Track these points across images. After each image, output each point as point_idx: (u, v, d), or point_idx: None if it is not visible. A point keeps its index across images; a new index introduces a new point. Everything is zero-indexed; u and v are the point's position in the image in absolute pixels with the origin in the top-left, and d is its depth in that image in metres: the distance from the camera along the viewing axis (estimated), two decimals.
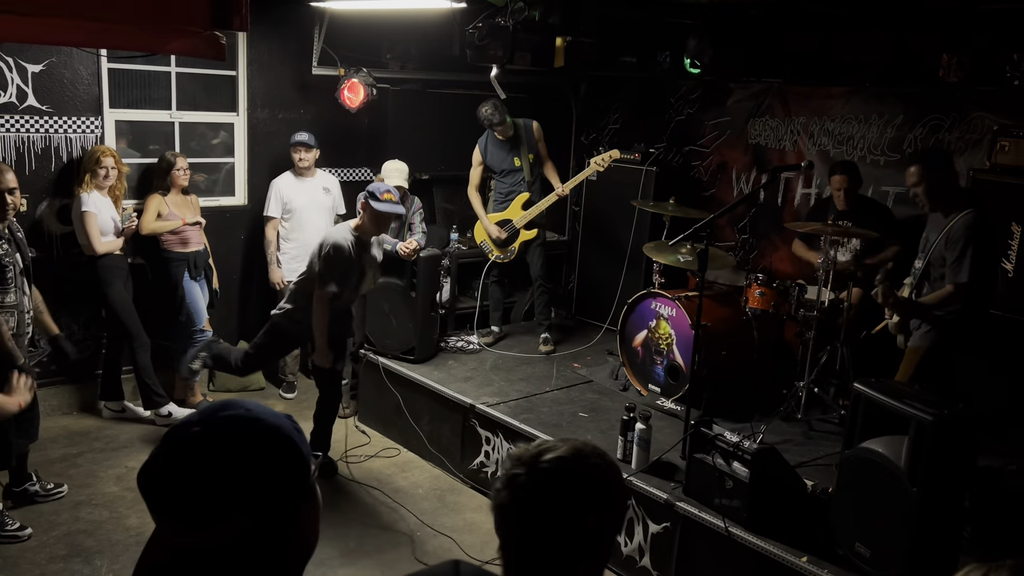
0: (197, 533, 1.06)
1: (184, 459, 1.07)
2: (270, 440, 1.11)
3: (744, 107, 6.41)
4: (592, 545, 1.33)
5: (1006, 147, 4.89)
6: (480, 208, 6.09)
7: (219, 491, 1.06)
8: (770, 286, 5.16)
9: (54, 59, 5.27)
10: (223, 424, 1.10)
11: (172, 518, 1.07)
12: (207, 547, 1.07)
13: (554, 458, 1.32)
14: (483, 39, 5.12)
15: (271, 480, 1.09)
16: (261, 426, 1.11)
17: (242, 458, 1.07)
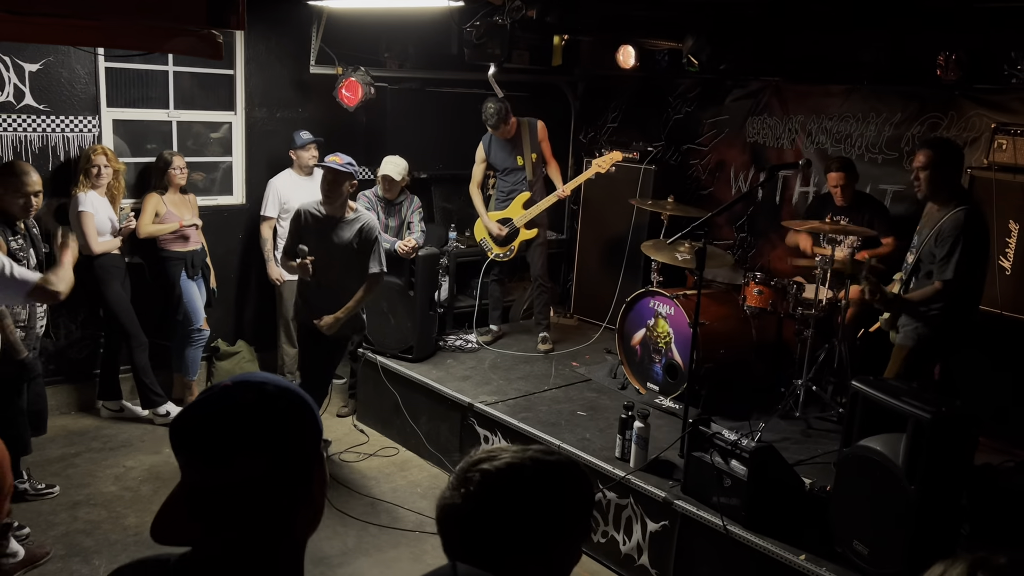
0: (214, 470, 1.12)
1: (209, 402, 1.16)
2: (291, 395, 1.19)
3: (742, 105, 6.41)
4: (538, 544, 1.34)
5: (1004, 145, 4.89)
6: (481, 205, 6.09)
7: (237, 429, 1.13)
8: (768, 284, 5.17)
9: (51, 58, 5.26)
10: (250, 378, 1.20)
11: (190, 453, 1.15)
12: (223, 487, 1.12)
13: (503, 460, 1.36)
14: (481, 38, 5.12)
15: (289, 428, 1.16)
16: (283, 384, 1.20)
17: (262, 403, 1.16)
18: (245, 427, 1.14)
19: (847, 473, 3.53)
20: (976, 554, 1.25)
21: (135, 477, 4.85)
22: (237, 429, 1.13)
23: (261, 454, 1.13)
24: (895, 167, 5.53)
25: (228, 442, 1.13)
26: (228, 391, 1.17)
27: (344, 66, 6.10)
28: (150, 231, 5.41)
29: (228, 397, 1.17)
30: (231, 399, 1.16)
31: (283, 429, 1.16)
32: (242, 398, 1.16)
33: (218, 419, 1.14)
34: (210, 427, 1.14)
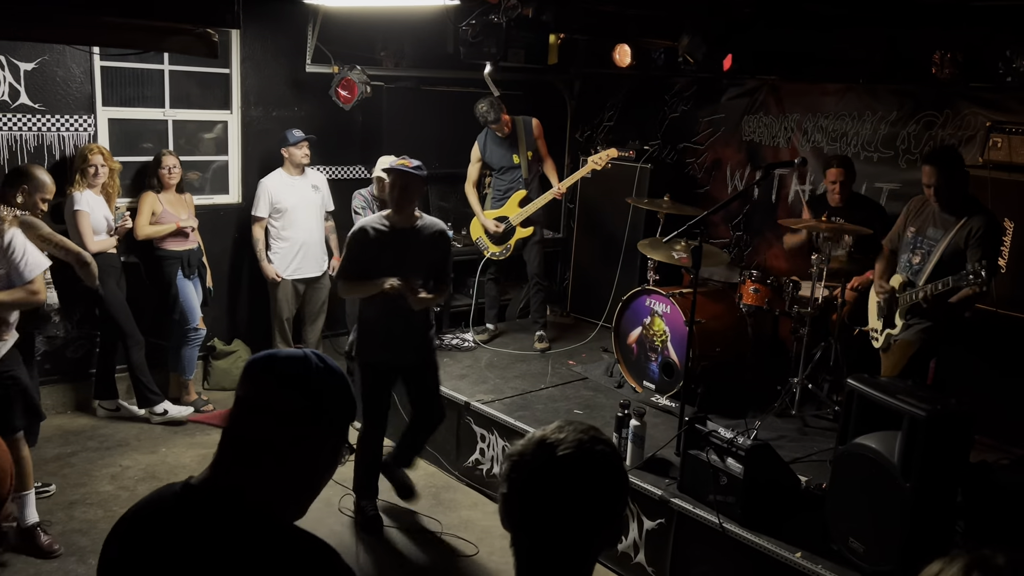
0: (273, 388, 1.40)
1: (288, 355, 1.45)
2: (338, 372, 1.47)
3: (738, 104, 6.42)
4: (598, 527, 1.39)
5: (999, 143, 4.91)
6: (477, 204, 6.09)
7: (299, 371, 1.42)
8: (764, 283, 5.18)
9: (47, 57, 5.25)
10: (319, 354, 1.48)
11: (263, 372, 1.43)
12: (273, 409, 1.39)
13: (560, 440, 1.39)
14: (477, 36, 5.12)
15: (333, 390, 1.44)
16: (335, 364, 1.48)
17: (320, 368, 1.44)
18: (299, 374, 1.41)
19: (843, 471, 3.53)
20: (974, 553, 1.25)
21: (131, 476, 4.85)
22: (292, 372, 1.41)
23: (304, 395, 1.40)
24: (890, 165, 5.54)
25: (283, 377, 1.41)
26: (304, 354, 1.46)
27: (340, 65, 6.10)
28: (148, 232, 5.40)
29: (290, 354, 1.45)
30: (293, 356, 1.44)
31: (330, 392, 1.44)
32: (303, 359, 1.44)
33: (276, 361, 1.43)
34: (269, 363, 1.43)
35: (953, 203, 4.20)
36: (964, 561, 1.22)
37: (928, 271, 4.24)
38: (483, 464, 4.92)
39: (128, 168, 5.62)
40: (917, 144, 5.40)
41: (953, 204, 4.20)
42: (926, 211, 4.36)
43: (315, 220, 6.03)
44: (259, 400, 1.40)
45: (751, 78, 6.26)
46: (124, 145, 5.71)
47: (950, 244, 4.15)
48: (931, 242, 4.26)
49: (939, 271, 4.17)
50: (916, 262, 4.32)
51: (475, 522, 4.61)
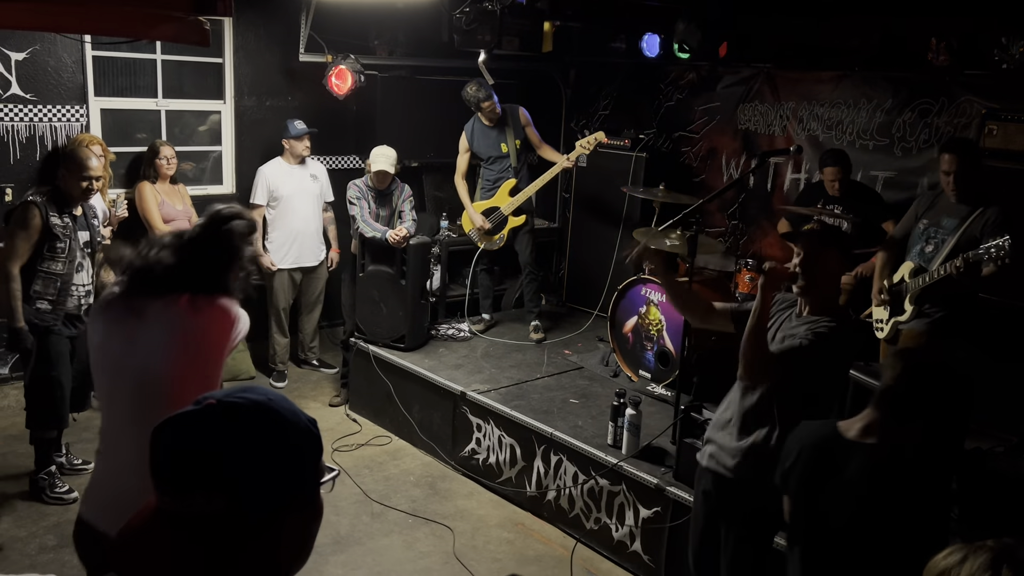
0: (170, 497, 1.06)
1: (183, 424, 1.08)
2: (270, 433, 1.09)
3: (733, 92, 6.40)
4: None
5: (994, 131, 4.91)
6: (466, 196, 6.06)
7: (201, 461, 1.05)
8: (760, 271, 5.17)
9: (38, 47, 5.21)
10: (236, 404, 1.09)
11: (153, 475, 1.07)
12: (181, 518, 1.06)
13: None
14: (471, 24, 5.09)
15: (258, 469, 1.07)
16: (271, 417, 1.10)
17: (236, 438, 1.06)
18: (210, 462, 1.05)
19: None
20: (999, 543, 1.23)
21: None
22: (200, 462, 1.05)
23: (220, 494, 1.05)
24: (886, 153, 5.53)
25: (187, 474, 1.06)
26: (205, 414, 1.08)
27: (333, 54, 6.07)
28: (166, 232, 5.37)
29: (203, 420, 1.08)
30: (205, 424, 1.07)
31: (253, 472, 1.07)
32: (217, 426, 1.07)
33: (185, 446, 1.06)
34: (173, 453, 1.07)
35: (969, 193, 4.19)
36: (990, 555, 1.20)
37: (941, 258, 4.22)
38: (479, 454, 4.92)
39: (121, 158, 5.59)
40: (912, 132, 5.40)
41: (969, 194, 4.19)
42: (939, 203, 4.34)
43: (312, 209, 6.01)
44: (168, 505, 1.07)
45: (746, 66, 6.24)
46: (117, 135, 5.68)
47: (966, 232, 4.14)
48: (945, 231, 4.25)
49: (953, 257, 4.16)
50: (929, 250, 4.31)
51: (471, 511, 4.62)
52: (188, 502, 1.05)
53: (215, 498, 1.05)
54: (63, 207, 4.23)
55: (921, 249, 4.35)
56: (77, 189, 4.23)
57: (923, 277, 4.23)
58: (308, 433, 1.13)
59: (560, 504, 4.48)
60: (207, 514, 1.05)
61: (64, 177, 4.24)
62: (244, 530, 1.06)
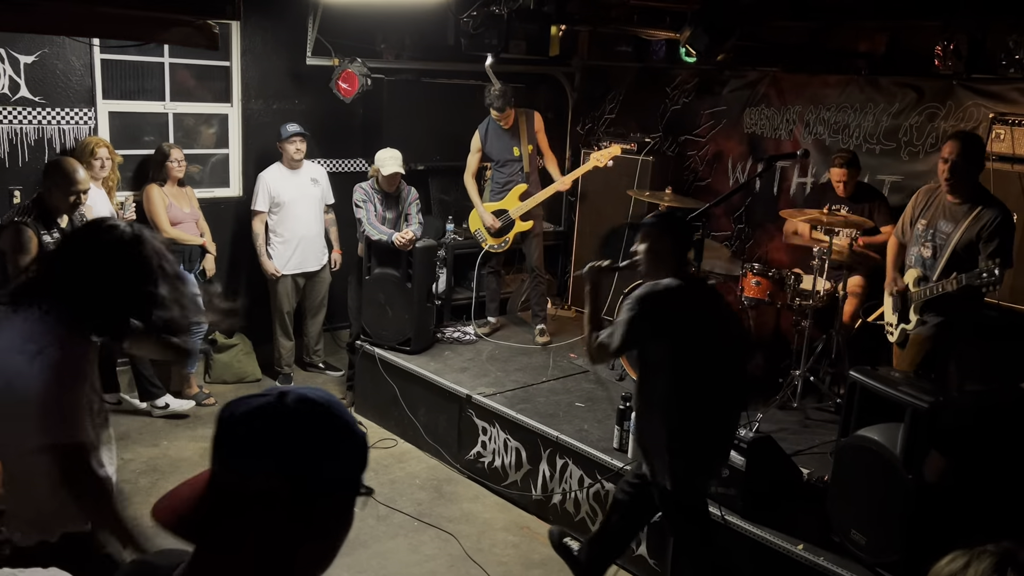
0: (228, 472, 1.11)
1: (260, 409, 1.12)
2: (333, 428, 1.16)
3: (740, 96, 6.40)
4: None
5: (1001, 135, 4.89)
6: (475, 195, 6.07)
7: (269, 445, 1.10)
8: (766, 275, 5.16)
9: (46, 50, 5.24)
10: (306, 395, 1.16)
11: (219, 449, 1.12)
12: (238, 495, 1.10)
13: None
14: (478, 28, 5.10)
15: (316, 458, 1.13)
16: (335, 412, 1.17)
17: (303, 424, 1.12)
18: (276, 447, 1.10)
19: (845, 463, 3.53)
20: (1000, 546, 1.23)
21: (133, 469, 4.85)
22: (268, 446, 1.11)
23: (282, 471, 1.10)
24: (893, 157, 5.52)
25: (256, 453, 1.11)
26: (279, 403, 1.13)
27: (340, 57, 6.08)
28: (173, 235, 5.40)
29: (278, 407, 1.13)
30: (280, 411, 1.12)
31: (316, 461, 1.13)
32: (287, 414, 1.12)
33: (257, 426, 1.12)
34: (245, 431, 1.12)
35: (965, 188, 4.12)
36: (994, 559, 1.20)
37: (941, 265, 4.20)
38: (484, 457, 4.92)
39: (129, 161, 5.61)
40: (919, 136, 5.39)
41: (965, 190, 4.12)
42: (935, 203, 4.30)
43: (314, 213, 6.02)
44: (227, 479, 1.12)
45: (753, 70, 6.24)
46: (124, 138, 5.70)
47: (963, 237, 4.11)
48: (943, 235, 4.22)
49: (952, 264, 4.13)
50: (927, 256, 4.28)
51: (476, 515, 4.61)
52: (247, 480, 1.09)
53: (273, 479, 1.09)
54: (51, 222, 4.14)
55: (919, 253, 4.33)
56: (65, 203, 4.13)
57: (925, 289, 4.23)
58: (361, 441, 1.20)
59: (566, 508, 4.48)
60: (260, 491, 1.09)
61: (51, 190, 4.14)
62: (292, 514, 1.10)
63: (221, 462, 1.12)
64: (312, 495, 1.11)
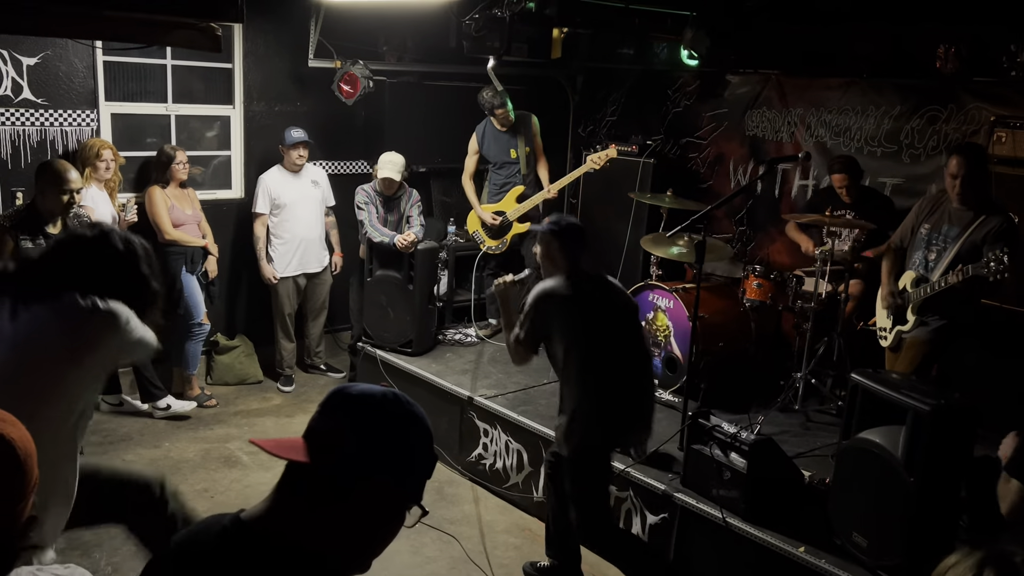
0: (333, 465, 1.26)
1: (358, 403, 1.31)
2: (425, 428, 1.36)
3: (741, 99, 6.40)
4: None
5: (1003, 138, 4.89)
6: (473, 196, 6.08)
7: (368, 413, 1.30)
8: (767, 277, 5.17)
9: (49, 52, 5.25)
10: (405, 401, 1.35)
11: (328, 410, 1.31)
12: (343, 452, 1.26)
13: None
14: (480, 30, 5.11)
15: (412, 457, 1.33)
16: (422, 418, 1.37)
17: (400, 414, 1.33)
18: (373, 442, 1.28)
19: (846, 465, 3.53)
20: (992, 548, 1.24)
21: None
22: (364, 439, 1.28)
23: (381, 472, 1.28)
24: (894, 160, 5.52)
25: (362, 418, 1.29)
26: (386, 392, 1.33)
27: (342, 60, 6.09)
28: (175, 237, 5.41)
29: (388, 395, 1.33)
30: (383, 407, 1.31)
31: (407, 458, 1.32)
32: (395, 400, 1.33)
33: (357, 422, 1.29)
34: (346, 426, 1.29)
35: (974, 198, 4.15)
36: (979, 556, 1.21)
37: (943, 266, 4.20)
38: (486, 459, 4.92)
39: (131, 163, 5.62)
40: (921, 139, 5.39)
41: (973, 200, 4.15)
42: (940, 208, 4.31)
43: (315, 216, 6.03)
44: (332, 439, 1.28)
45: (754, 73, 6.24)
46: (127, 140, 5.71)
47: (967, 240, 4.11)
48: (946, 238, 4.22)
49: (955, 266, 4.14)
50: (931, 258, 4.28)
51: (478, 517, 4.62)
52: (356, 439, 1.27)
53: (377, 476, 1.28)
54: (36, 227, 4.11)
55: (924, 256, 4.33)
56: (59, 204, 4.12)
57: (925, 288, 4.22)
58: (427, 432, 1.37)
59: None
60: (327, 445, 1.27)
61: (44, 193, 4.13)
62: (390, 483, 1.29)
63: (330, 420, 1.30)
64: (410, 476, 1.32)
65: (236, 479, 4.82)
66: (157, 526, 2.87)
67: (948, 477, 3.28)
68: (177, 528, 2.80)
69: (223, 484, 4.77)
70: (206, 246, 5.62)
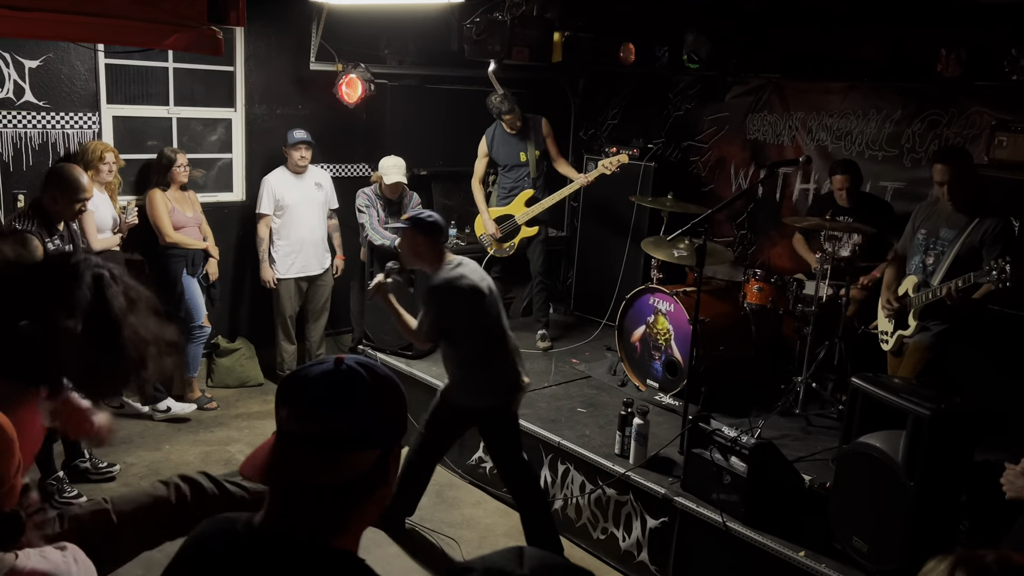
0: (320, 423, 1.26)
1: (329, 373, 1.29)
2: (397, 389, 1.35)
3: (742, 102, 6.40)
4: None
5: (1004, 142, 4.89)
6: (482, 201, 6.08)
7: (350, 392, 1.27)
8: (768, 281, 5.17)
9: (51, 55, 5.26)
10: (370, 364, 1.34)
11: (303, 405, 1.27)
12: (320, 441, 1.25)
13: None
14: (481, 34, 5.12)
15: (390, 412, 1.32)
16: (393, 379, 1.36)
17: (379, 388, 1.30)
18: (359, 392, 1.27)
19: (847, 470, 3.53)
20: (963, 551, 1.25)
21: (135, 473, 4.86)
22: (350, 392, 1.27)
23: (365, 419, 1.27)
24: (895, 164, 5.52)
25: (339, 400, 1.26)
26: (350, 368, 1.29)
27: (344, 63, 6.10)
28: (176, 239, 5.42)
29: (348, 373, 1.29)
30: (348, 369, 1.29)
31: (386, 414, 1.31)
32: (358, 370, 1.29)
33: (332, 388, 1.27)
34: (321, 391, 1.27)
35: (967, 201, 4.17)
36: (952, 559, 1.22)
37: (943, 270, 4.20)
38: (486, 462, 4.92)
39: (131, 165, 5.63)
40: (922, 143, 5.39)
41: (966, 202, 4.17)
42: (936, 213, 4.33)
43: (318, 218, 6.03)
44: (303, 435, 1.26)
45: (755, 76, 6.25)
46: (128, 143, 5.72)
47: (965, 243, 4.13)
48: (944, 242, 4.23)
49: (955, 270, 4.13)
50: (930, 263, 4.29)
51: (478, 520, 4.61)
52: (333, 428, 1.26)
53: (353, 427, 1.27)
54: (50, 228, 4.21)
55: (922, 261, 4.34)
56: (70, 210, 4.23)
57: (926, 293, 4.22)
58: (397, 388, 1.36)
59: (567, 513, 4.47)
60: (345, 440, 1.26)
61: (56, 198, 4.20)
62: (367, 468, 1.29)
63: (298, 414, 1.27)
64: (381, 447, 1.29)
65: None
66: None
67: (949, 482, 3.28)
68: None
69: None
70: (207, 248, 5.63)
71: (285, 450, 1.27)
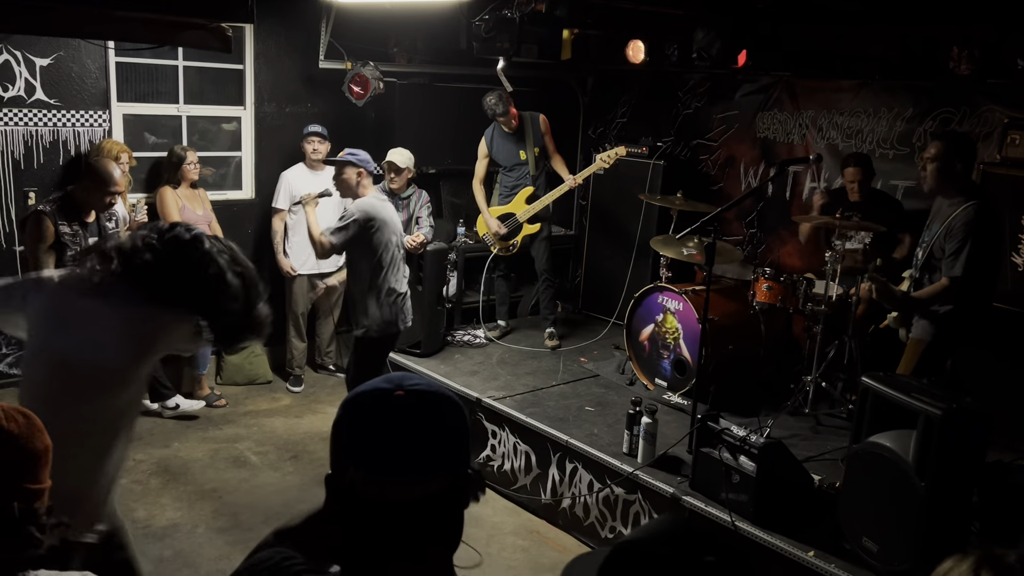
0: (406, 487, 1.14)
1: (396, 419, 1.15)
2: (460, 410, 1.23)
3: (752, 100, 6.38)
4: None
5: (1016, 140, 4.86)
6: (483, 201, 6.08)
7: (427, 448, 1.16)
8: (777, 280, 5.14)
9: (62, 53, 5.28)
10: (423, 391, 1.18)
11: (382, 473, 1.14)
12: (408, 504, 1.16)
13: None
14: (490, 32, 5.11)
15: (463, 444, 1.23)
16: (452, 399, 1.23)
17: (445, 421, 1.19)
18: (434, 447, 1.17)
19: (856, 470, 3.51)
20: (985, 551, 1.24)
21: (144, 470, 4.87)
22: (427, 449, 1.17)
23: (445, 471, 1.19)
24: (906, 163, 5.49)
25: (420, 462, 1.16)
26: (410, 407, 1.16)
27: (353, 61, 6.10)
28: None
29: (413, 412, 1.16)
30: (417, 415, 1.16)
31: (460, 447, 1.22)
32: (427, 415, 1.17)
33: (409, 438, 1.15)
34: (401, 447, 1.15)
35: (946, 187, 4.14)
36: (974, 558, 1.21)
37: (919, 266, 4.24)
38: (494, 461, 4.92)
39: (141, 163, 5.65)
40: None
41: (946, 188, 4.14)
42: (934, 208, 4.33)
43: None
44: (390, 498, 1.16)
45: (765, 75, 6.22)
46: (138, 141, 5.74)
47: (938, 236, 4.13)
48: (930, 234, 4.24)
49: (927, 265, 4.17)
50: (920, 256, 4.31)
51: (485, 518, 4.61)
52: (420, 486, 1.17)
53: (441, 475, 1.20)
54: (74, 215, 4.37)
55: (916, 255, 4.36)
56: (100, 203, 4.42)
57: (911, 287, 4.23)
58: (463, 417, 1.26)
59: (575, 512, 4.47)
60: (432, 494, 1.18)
61: (88, 188, 4.39)
62: (455, 501, 1.26)
63: (381, 480, 1.15)
64: (463, 475, 1.24)
65: (245, 479, 4.83)
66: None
67: (960, 482, 3.25)
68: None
69: (232, 484, 4.77)
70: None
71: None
